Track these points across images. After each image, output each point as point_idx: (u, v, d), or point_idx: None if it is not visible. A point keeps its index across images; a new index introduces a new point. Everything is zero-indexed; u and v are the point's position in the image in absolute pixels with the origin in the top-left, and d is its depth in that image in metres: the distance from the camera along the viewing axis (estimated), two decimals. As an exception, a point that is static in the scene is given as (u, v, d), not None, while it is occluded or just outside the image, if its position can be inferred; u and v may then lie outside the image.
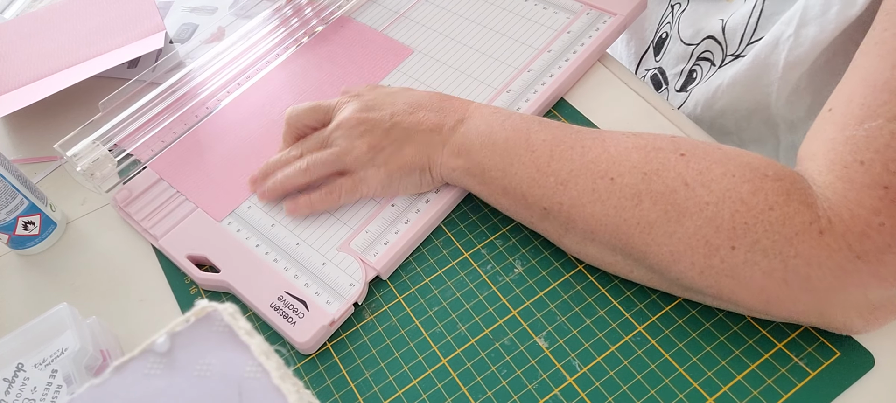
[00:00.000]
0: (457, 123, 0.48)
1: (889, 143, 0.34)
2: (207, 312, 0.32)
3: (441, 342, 0.45)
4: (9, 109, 0.62)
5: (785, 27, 0.48)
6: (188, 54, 0.69)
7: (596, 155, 0.42)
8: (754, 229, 0.37)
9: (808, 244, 0.36)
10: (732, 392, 0.40)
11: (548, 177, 0.43)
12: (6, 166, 0.51)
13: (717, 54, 0.56)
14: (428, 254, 0.49)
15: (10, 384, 0.43)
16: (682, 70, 0.61)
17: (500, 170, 0.45)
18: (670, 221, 0.39)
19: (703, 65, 0.58)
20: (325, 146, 0.51)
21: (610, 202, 0.41)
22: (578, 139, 0.44)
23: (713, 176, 0.39)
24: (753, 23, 0.52)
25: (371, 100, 0.50)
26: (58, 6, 0.75)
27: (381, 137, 0.49)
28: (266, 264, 0.49)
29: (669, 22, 0.62)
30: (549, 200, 0.44)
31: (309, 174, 0.50)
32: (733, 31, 0.54)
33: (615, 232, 0.41)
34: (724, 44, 0.56)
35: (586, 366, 0.42)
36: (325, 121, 0.52)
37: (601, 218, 0.42)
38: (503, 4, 0.63)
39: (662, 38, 0.63)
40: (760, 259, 0.37)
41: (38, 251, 0.55)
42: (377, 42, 0.63)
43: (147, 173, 0.56)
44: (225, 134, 0.58)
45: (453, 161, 0.48)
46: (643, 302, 0.44)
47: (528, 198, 0.45)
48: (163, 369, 0.31)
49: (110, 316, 0.49)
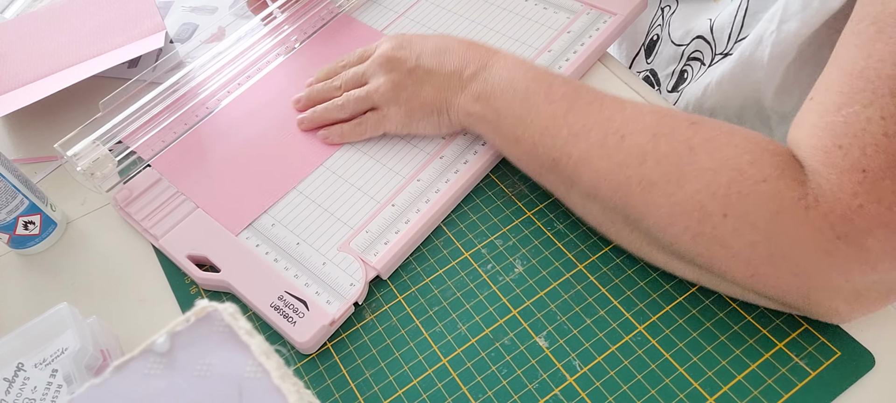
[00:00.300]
0: (479, 69, 0.49)
1: (866, 128, 0.35)
2: (207, 312, 0.32)
3: (441, 342, 0.45)
4: (9, 109, 0.62)
5: (768, 24, 0.49)
6: (188, 54, 0.69)
7: (611, 113, 0.44)
8: (746, 199, 0.38)
9: (794, 220, 0.37)
10: (732, 392, 0.40)
11: (561, 127, 0.44)
12: (6, 166, 0.51)
13: (707, 54, 0.57)
14: (428, 254, 0.49)
15: (10, 383, 0.43)
16: (673, 70, 0.61)
17: (515, 118, 0.47)
18: (670, 183, 0.40)
19: (693, 65, 0.59)
20: (360, 82, 0.55)
21: (616, 158, 0.42)
22: (598, 96, 0.45)
23: (717, 144, 0.40)
24: (739, 21, 0.53)
25: (404, 40, 0.54)
26: (58, 6, 0.75)
27: (404, 76, 0.52)
28: (266, 264, 0.49)
29: (660, 24, 0.63)
30: (559, 150, 0.44)
31: (345, 111, 0.55)
32: (721, 30, 0.55)
33: (617, 190, 0.42)
34: (712, 43, 0.56)
35: (586, 366, 0.42)
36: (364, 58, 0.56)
37: (606, 173, 0.42)
38: (503, 4, 0.63)
39: (653, 40, 0.64)
40: (748, 230, 0.38)
41: (38, 251, 0.55)
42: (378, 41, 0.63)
43: (147, 173, 0.56)
44: (227, 134, 0.58)
45: (471, 105, 0.49)
46: (643, 302, 0.44)
47: (538, 148, 0.46)
48: (163, 369, 0.31)
49: (110, 316, 0.49)
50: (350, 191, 0.52)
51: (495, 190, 0.52)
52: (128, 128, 0.56)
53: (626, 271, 0.46)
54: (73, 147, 0.53)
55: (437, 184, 0.51)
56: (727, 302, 0.43)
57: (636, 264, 0.46)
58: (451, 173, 0.52)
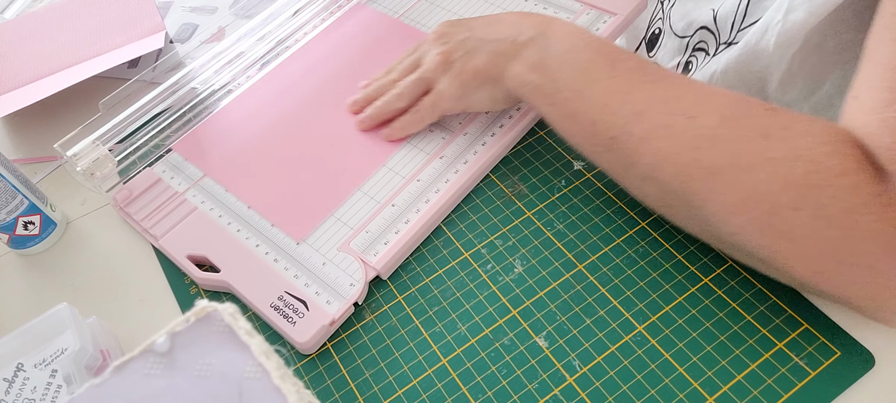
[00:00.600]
0: (537, 35, 0.47)
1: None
2: (207, 312, 0.32)
3: (441, 342, 0.45)
4: (9, 109, 0.62)
5: (774, 13, 0.49)
6: (188, 54, 0.69)
7: (680, 92, 0.41)
8: (823, 192, 0.36)
9: (872, 216, 0.35)
10: (732, 392, 0.40)
11: (624, 105, 0.42)
12: (6, 166, 0.51)
13: (711, 43, 0.57)
14: (428, 254, 0.49)
15: (10, 384, 0.43)
16: (678, 63, 0.61)
17: (573, 92, 0.44)
18: (739, 169, 0.38)
19: (698, 55, 0.58)
20: (414, 67, 0.53)
21: (681, 140, 0.40)
22: (665, 74, 0.43)
23: (793, 132, 0.37)
24: (743, 9, 0.53)
25: (457, 20, 0.52)
26: (58, 6, 0.75)
27: (455, 47, 0.50)
28: (266, 264, 0.49)
29: (661, 18, 0.62)
30: (619, 129, 0.42)
31: (403, 99, 0.52)
32: (724, 19, 0.55)
33: (679, 174, 0.40)
34: (717, 33, 0.56)
35: (586, 366, 0.42)
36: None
37: (669, 155, 0.40)
38: (503, 4, 0.63)
39: (655, 34, 0.63)
40: (822, 226, 0.36)
41: (38, 251, 0.55)
42: (392, 28, 0.63)
43: (147, 173, 0.56)
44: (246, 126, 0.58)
45: (527, 74, 0.47)
46: (643, 302, 0.44)
47: (597, 125, 0.43)
48: (163, 369, 0.31)
49: (110, 316, 0.49)
50: (350, 190, 0.52)
51: (495, 190, 0.52)
52: (128, 128, 0.56)
53: (626, 271, 0.46)
54: (73, 147, 0.53)
55: (437, 184, 0.51)
56: (727, 302, 0.43)
57: (636, 264, 0.46)
58: (451, 173, 0.52)
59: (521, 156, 0.53)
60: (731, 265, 0.45)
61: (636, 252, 0.46)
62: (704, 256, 0.45)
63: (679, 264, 0.45)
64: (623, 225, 0.48)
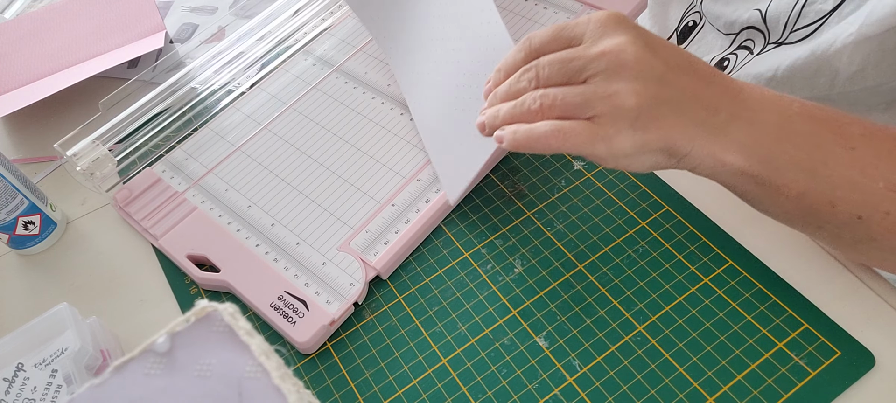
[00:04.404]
0: (739, 110, 0.38)
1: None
2: (207, 312, 0.32)
3: (441, 342, 0.45)
4: (9, 109, 0.62)
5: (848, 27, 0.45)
6: (188, 54, 0.69)
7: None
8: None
9: None
10: (732, 391, 0.40)
11: (875, 181, 0.37)
12: (6, 166, 0.51)
13: (758, 42, 0.54)
14: (428, 254, 0.49)
15: (10, 384, 0.43)
16: (713, 58, 0.59)
17: (803, 172, 0.37)
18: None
19: (739, 53, 0.56)
20: (572, 79, 0.38)
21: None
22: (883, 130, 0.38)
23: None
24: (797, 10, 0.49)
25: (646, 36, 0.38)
26: (58, 6, 0.75)
27: (653, 93, 0.37)
28: (266, 264, 0.49)
29: (696, 9, 0.61)
30: (871, 208, 0.37)
31: (541, 115, 0.39)
32: (776, 19, 0.52)
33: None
34: (766, 32, 0.54)
35: (586, 366, 0.42)
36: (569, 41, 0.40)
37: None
38: (503, 4, 0.63)
39: (689, 26, 0.61)
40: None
41: (38, 251, 0.55)
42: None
43: (147, 173, 0.56)
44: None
45: (728, 156, 0.37)
46: (643, 302, 0.44)
47: (837, 206, 0.37)
48: (163, 369, 0.31)
49: (110, 316, 0.49)
50: (350, 190, 0.52)
51: (495, 190, 0.52)
52: (127, 128, 0.56)
53: (626, 271, 0.46)
54: (73, 147, 0.53)
55: (437, 183, 0.51)
56: (727, 302, 0.43)
57: (636, 264, 0.46)
58: (451, 173, 0.52)
59: (521, 155, 0.53)
60: (731, 265, 0.45)
61: (636, 252, 0.46)
62: (704, 256, 0.45)
63: (679, 264, 0.45)
64: (623, 225, 0.48)
